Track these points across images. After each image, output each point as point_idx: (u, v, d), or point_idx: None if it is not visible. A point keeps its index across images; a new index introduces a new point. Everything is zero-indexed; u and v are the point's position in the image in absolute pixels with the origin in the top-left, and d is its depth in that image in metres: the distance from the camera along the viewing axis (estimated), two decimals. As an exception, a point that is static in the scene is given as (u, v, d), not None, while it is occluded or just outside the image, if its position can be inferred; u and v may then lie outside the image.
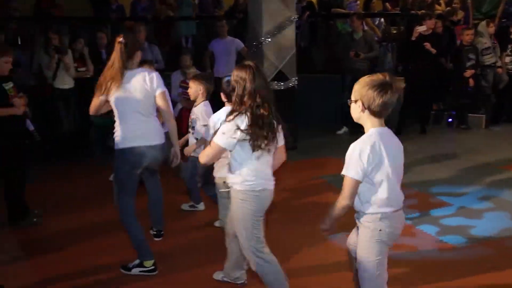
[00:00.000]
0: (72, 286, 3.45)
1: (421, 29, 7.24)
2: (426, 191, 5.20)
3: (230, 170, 2.86)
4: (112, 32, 8.83)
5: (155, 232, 4.16)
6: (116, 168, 3.56)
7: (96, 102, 3.42)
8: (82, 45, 6.97)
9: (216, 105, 3.91)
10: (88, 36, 7.87)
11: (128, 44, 3.35)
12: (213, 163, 3.44)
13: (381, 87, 2.40)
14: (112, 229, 4.35)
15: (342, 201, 2.48)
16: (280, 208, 4.91)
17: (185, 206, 4.84)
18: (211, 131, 3.27)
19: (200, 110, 4.26)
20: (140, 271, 3.55)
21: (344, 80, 7.78)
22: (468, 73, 7.76)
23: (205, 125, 3.99)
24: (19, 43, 8.40)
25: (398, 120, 7.68)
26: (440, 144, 7.26)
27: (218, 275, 3.43)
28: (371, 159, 2.39)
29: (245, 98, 2.72)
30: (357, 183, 2.43)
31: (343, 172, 2.46)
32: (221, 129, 2.75)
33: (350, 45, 7.60)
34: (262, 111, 2.71)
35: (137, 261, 3.57)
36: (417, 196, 5.08)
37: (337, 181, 5.70)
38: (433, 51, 7.24)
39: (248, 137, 2.70)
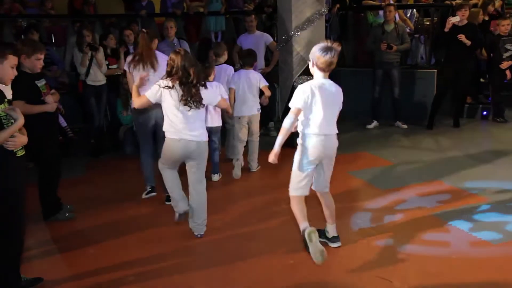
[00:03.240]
0: (108, 280, 3.51)
1: (454, 19, 7.01)
2: (459, 186, 5.06)
3: None
4: (142, 28, 8.94)
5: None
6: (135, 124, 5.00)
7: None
8: (114, 41, 7.06)
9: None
10: (120, 33, 7.97)
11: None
12: None
13: (324, 50, 3.46)
14: (145, 224, 4.45)
15: (286, 120, 3.52)
16: (307, 203, 4.87)
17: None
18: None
19: None
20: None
21: (375, 74, 7.64)
22: (505, 64, 7.52)
23: None
24: (53, 41, 8.63)
25: (430, 114, 7.50)
26: (475, 138, 7.05)
27: None
28: (310, 95, 3.49)
29: (174, 73, 3.81)
30: (299, 110, 3.53)
31: (290, 104, 3.54)
32: (152, 87, 3.91)
33: (381, 37, 7.47)
34: (186, 80, 3.81)
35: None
36: (450, 191, 4.96)
37: (367, 175, 5.70)
38: (468, 42, 7.01)
39: (166, 95, 3.84)
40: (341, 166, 5.87)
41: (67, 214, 4.58)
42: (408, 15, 8.83)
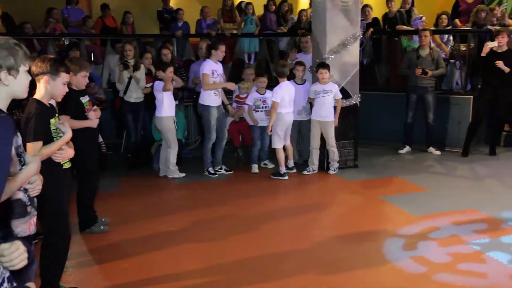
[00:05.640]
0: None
1: (491, 44, 6.92)
2: (496, 216, 4.93)
3: None
4: (178, 48, 9.17)
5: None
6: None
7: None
8: (149, 61, 7.25)
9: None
10: (157, 52, 8.18)
11: None
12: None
13: (281, 66, 6.43)
14: (176, 240, 4.49)
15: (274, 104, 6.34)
16: (339, 226, 4.85)
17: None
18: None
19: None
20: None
21: (409, 98, 7.59)
22: None
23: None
24: (92, 59, 8.90)
25: (465, 140, 7.36)
26: (512, 167, 6.89)
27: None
28: (280, 93, 6.24)
29: None
30: (276, 103, 6.22)
31: (272, 98, 6.34)
32: None
33: (416, 62, 7.43)
34: None
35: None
36: (486, 220, 4.84)
37: (399, 201, 5.61)
38: (506, 69, 6.89)
39: None
40: (373, 191, 5.91)
41: (102, 227, 4.67)
42: (445, 40, 8.77)
